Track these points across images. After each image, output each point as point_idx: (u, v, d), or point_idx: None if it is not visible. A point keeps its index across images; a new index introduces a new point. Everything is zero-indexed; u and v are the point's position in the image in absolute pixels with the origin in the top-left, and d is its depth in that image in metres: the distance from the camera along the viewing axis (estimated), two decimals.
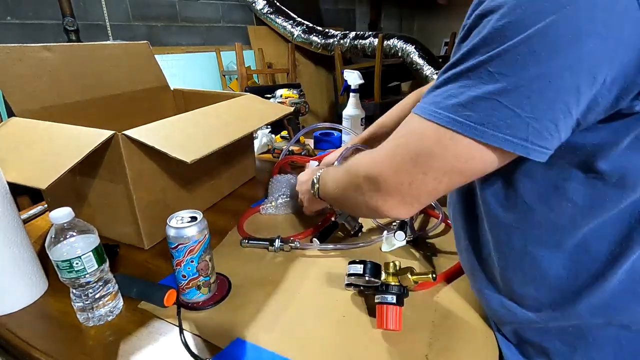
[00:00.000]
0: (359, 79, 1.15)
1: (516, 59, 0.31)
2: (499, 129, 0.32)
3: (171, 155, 0.57)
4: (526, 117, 0.31)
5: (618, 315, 0.39)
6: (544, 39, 0.29)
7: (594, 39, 0.28)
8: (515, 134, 0.32)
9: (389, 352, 0.46)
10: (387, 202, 0.41)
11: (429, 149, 0.36)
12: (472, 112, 0.33)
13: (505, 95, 0.31)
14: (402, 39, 2.82)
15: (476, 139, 0.33)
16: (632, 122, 0.32)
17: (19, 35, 2.06)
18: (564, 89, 0.30)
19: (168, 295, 0.52)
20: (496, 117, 0.32)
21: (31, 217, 0.80)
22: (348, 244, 0.67)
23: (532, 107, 0.31)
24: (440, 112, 0.35)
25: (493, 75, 0.32)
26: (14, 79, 0.68)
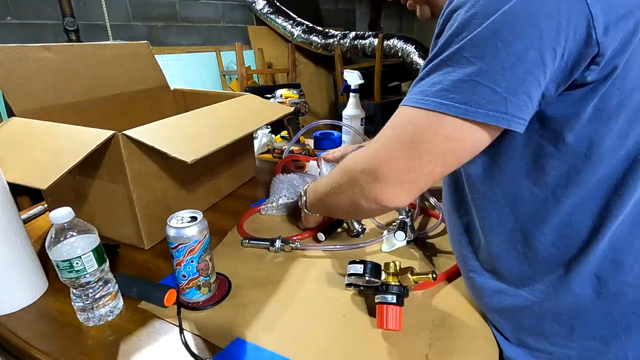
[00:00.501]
0: (359, 79, 1.15)
1: (486, 42, 0.35)
2: (482, 105, 0.36)
3: (171, 155, 0.57)
4: (503, 92, 0.35)
5: (605, 286, 0.41)
6: (506, 22, 0.34)
7: (548, 18, 0.33)
8: (497, 109, 0.36)
9: (389, 352, 0.46)
10: (385, 191, 0.43)
11: (421, 134, 0.39)
12: (456, 94, 0.36)
13: (482, 75, 0.35)
14: (402, 39, 2.82)
15: (462, 117, 0.37)
16: (588, 93, 0.36)
17: (19, 35, 2.06)
18: (532, 63, 0.34)
19: (168, 295, 0.52)
20: (477, 95, 0.36)
21: (31, 217, 0.80)
22: (348, 245, 0.67)
23: (507, 83, 0.35)
24: (428, 98, 0.38)
25: (469, 60, 0.36)
26: (14, 79, 0.68)
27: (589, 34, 0.33)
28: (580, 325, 0.43)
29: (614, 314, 0.41)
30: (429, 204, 0.81)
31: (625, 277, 0.41)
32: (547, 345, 0.45)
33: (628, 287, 0.41)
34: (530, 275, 0.45)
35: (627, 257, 0.40)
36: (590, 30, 0.33)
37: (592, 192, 0.40)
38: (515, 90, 0.35)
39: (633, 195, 0.39)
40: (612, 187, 0.39)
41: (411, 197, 0.43)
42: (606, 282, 0.41)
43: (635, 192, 0.39)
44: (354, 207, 0.49)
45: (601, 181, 0.39)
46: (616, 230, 0.40)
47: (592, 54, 0.34)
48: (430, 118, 0.38)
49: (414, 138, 0.40)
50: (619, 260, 0.40)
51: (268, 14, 3.18)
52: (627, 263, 0.40)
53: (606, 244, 0.40)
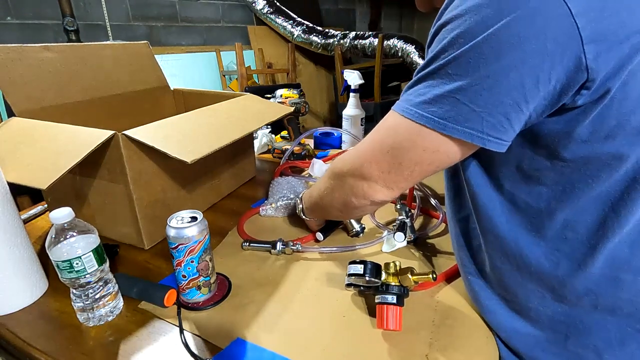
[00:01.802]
0: (359, 79, 1.15)
1: (469, 62, 0.35)
2: (459, 122, 0.37)
3: (171, 155, 0.57)
4: (480, 111, 0.36)
5: (603, 301, 0.41)
6: (490, 44, 0.34)
7: (533, 43, 0.33)
8: (473, 127, 0.37)
9: (389, 352, 0.46)
10: (371, 187, 0.46)
11: (401, 142, 0.41)
12: (436, 108, 0.38)
13: (462, 93, 0.36)
14: (402, 39, 2.82)
15: (439, 131, 0.38)
16: (580, 114, 0.36)
17: (19, 35, 2.06)
18: (510, 86, 0.35)
19: (168, 295, 0.52)
20: (455, 112, 0.37)
21: (31, 217, 0.80)
22: (349, 246, 0.67)
23: (484, 102, 0.36)
24: (411, 108, 0.40)
25: (451, 76, 0.37)
26: (14, 79, 0.68)
27: (579, 59, 0.33)
28: (574, 335, 0.42)
29: (608, 326, 0.41)
30: (429, 204, 0.81)
31: (622, 294, 0.40)
32: (539, 352, 0.44)
33: (624, 302, 0.40)
34: (523, 284, 0.44)
35: (626, 275, 0.40)
36: (580, 55, 0.33)
37: (587, 208, 0.40)
38: (492, 111, 0.36)
39: (633, 214, 0.38)
40: (609, 204, 0.39)
41: (396, 194, 0.46)
42: (603, 297, 0.41)
43: (636, 212, 0.38)
44: (346, 205, 0.52)
45: (597, 198, 0.39)
46: (614, 248, 0.39)
47: (582, 79, 0.34)
48: (411, 128, 0.40)
49: (395, 144, 0.42)
50: (617, 277, 0.40)
51: (268, 14, 3.18)
52: (625, 281, 0.40)
53: (604, 261, 0.40)
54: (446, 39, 0.37)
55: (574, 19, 0.32)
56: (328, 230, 0.70)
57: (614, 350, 0.41)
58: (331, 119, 3.75)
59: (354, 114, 1.15)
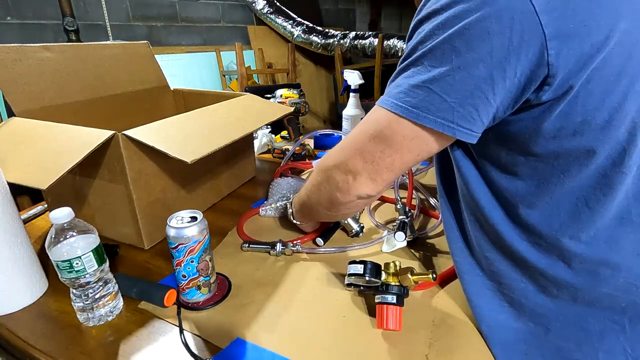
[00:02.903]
0: (359, 79, 1.15)
1: (442, 53, 0.37)
2: (431, 112, 0.38)
3: (171, 155, 0.57)
4: (451, 102, 0.38)
5: (582, 294, 0.42)
6: (461, 37, 0.36)
7: (501, 37, 0.35)
8: (444, 117, 0.38)
9: (389, 352, 0.46)
10: (356, 180, 0.46)
11: (381, 131, 0.42)
12: (410, 97, 0.39)
13: (435, 83, 0.38)
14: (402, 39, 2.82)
15: (413, 120, 0.39)
16: (545, 111, 0.38)
17: (19, 35, 2.06)
18: (480, 78, 0.36)
19: (168, 295, 0.52)
20: (428, 101, 0.38)
21: (31, 217, 0.80)
22: (349, 246, 0.67)
23: (455, 93, 0.37)
24: (389, 99, 0.41)
25: (426, 67, 0.38)
26: (14, 79, 0.68)
27: (542, 55, 0.34)
28: (555, 328, 0.43)
29: (588, 319, 0.42)
30: (428, 204, 0.81)
31: (601, 288, 0.41)
32: (522, 345, 0.45)
33: (603, 296, 0.41)
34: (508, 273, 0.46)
35: (604, 269, 0.40)
36: (543, 51, 0.34)
37: (560, 203, 0.41)
38: (462, 102, 0.37)
39: (606, 209, 0.39)
40: (582, 200, 0.40)
41: (380, 187, 0.46)
42: (582, 290, 0.41)
43: (609, 207, 0.39)
44: (332, 202, 0.52)
45: (570, 193, 0.40)
46: (592, 241, 0.40)
47: (543, 74, 0.35)
48: (389, 117, 0.41)
49: (376, 134, 0.43)
50: (596, 271, 0.41)
51: (268, 14, 3.18)
52: (603, 275, 0.40)
53: (581, 254, 0.41)
54: (424, 31, 0.39)
55: (538, 16, 0.34)
56: (327, 234, 0.69)
57: (593, 343, 0.42)
58: (331, 119, 3.75)
59: (354, 114, 1.15)
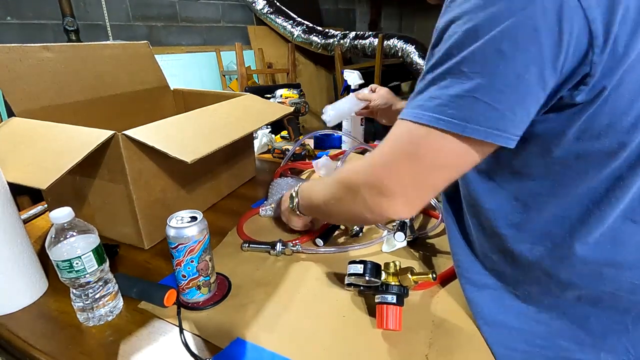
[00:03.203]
0: (359, 79, 1.15)
1: (486, 58, 0.34)
2: (480, 123, 0.35)
3: (171, 155, 0.57)
4: (502, 110, 0.35)
5: (586, 293, 0.42)
6: (507, 39, 0.33)
7: (550, 34, 0.32)
8: (495, 126, 0.35)
9: (389, 352, 0.46)
10: (391, 205, 0.42)
11: (422, 148, 0.39)
12: (454, 110, 0.36)
13: (481, 91, 0.34)
14: (402, 39, 2.82)
15: (460, 134, 0.36)
16: (576, 114, 0.36)
17: (19, 35, 2.06)
18: (533, 82, 0.34)
19: (168, 295, 0.52)
20: (475, 112, 0.35)
21: (31, 217, 0.80)
22: (349, 246, 0.67)
23: (507, 100, 0.34)
24: (426, 113, 0.37)
25: (467, 75, 0.35)
26: (14, 79, 0.68)
27: (587, 52, 0.33)
28: (557, 327, 0.43)
29: (591, 318, 0.42)
30: (429, 204, 0.81)
31: (604, 287, 0.41)
32: (524, 345, 0.45)
33: (607, 295, 0.41)
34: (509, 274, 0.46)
35: (608, 269, 0.40)
36: (587, 48, 0.33)
37: (573, 203, 0.40)
38: (515, 108, 0.35)
39: (614, 210, 0.39)
40: (594, 201, 0.39)
41: (416, 210, 0.43)
42: (586, 290, 0.42)
43: (617, 208, 0.39)
44: (356, 217, 0.49)
45: (583, 195, 0.40)
46: (598, 242, 0.40)
47: (583, 72, 0.34)
48: (430, 133, 0.38)
49: (416, 152, 0.39)
50: (599, 272, 0.41)
51: (268, 14, 3.18)
52: (607, 275, 0.41)
53: (587, 255, 0.40)
54: (457, 34, 0.35)
55: (585, 13, 0.32)
56: (327, 236, 0.69)
57: (595, 342, 0.42)
58: None
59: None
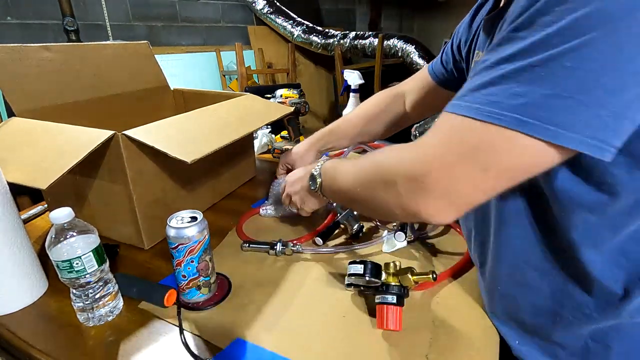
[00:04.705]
0: (359, 79, 1.15)
1: (602, 53, 0.27)
2: (576, 130, 0.29)
3: (171, 155, 0.57)
4: (606, 116, 0.28)
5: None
6: (632, 32, 0.27)
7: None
8: (594, 135, 0.29)
9: (389, 352, 0.46)
10: (430, 205, 0.36)
11: (494, 153, 0.33)
12: (545, 111, 0.30)
13: (586, 93, 0.28)
14: (402, 39, 2.82)
15: (548, 140, 0.30)
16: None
17: (19, 35, 2.06)
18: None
19: (168, 295, 0.52)
20: (573, 116, 0.29)
21: (31, 217, 0.80)
22: (349, 246, 0.67)
23: (614, 105, 0.28)
24: (505, 113, 0.31)
25: (570, 70, 0.28)
26: (14, 79, 0.68)
27: None
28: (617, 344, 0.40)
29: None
30: None
31: None
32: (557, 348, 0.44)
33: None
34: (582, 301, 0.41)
35: None
36: None
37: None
38: (621, 115, 0.29)
39: None
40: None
41: (455, 216, 0.37)
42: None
43: None
44: (384, 211, 0.43)
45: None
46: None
47: None
48: (507, 136, 0.31)
49: (481, 148, 0.33)
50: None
51: (268, 14, 3.18)
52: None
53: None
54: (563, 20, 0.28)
55: None
56: (327, 234, 0.69)
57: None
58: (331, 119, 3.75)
59: None
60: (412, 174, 0.37)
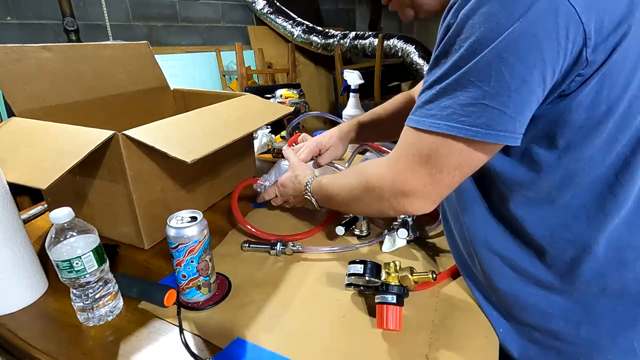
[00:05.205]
0: (359, 79, 1.15)
1: (490, 66, 0.36)
2: (491, 127, 0.38)
3: (171, 155, 0.57)
4: (511, 113, 0.37)
5: (611, 283, 0.43)
6: (508, 47, 0.35)
7: (549, 39, 0.35)
8: (506, 129, 0.38)
9: (389, 352, 0.46)
10: (414, 203, 0.45)
11: (440, 155, 0.41)
12: (466, 117, 0.38)
13: (490, 98, 0.37)
14: (402, 39, 2.82)
15: (473, 139, 0.39)
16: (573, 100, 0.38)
17: (19, 35, 2.06)
18: (535, 83, 0.36)
19: (168, 295, 0.52)
20: (486, 117, 0.37)
21: (31, 217, 0.80)
22: (349, 245, 0.67)
23: (514, 104, 0.37)
24: (440, 122, 0.40)
25: (474, 84, 0.37)
26: (14, 79, 0.68)
27: (582, 52, 0.35)
28: (586, 322, 0.44)
29: (619, 308, 0.43)
30: None
31: (628, 274, 0.43)
32: (555, 342, 0.46)
33: (631, 282, 0.43)
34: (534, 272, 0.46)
35: (628, 254, 0.42)
36: (583, 48, 0.35)
37: (587, 193, 0.42)
38: (522, 110, 0.37)
39: (628, 194, 0.41)
40: (606, 188, 0.41)
41: (436, 204, 0.46)
42: (611, 279, 0.43)
43: (629, 192, 0.41)
44: (379, 213, 0.52)
45: (595, 182, 0.42)
46: (614, 229, 0.42)
47: (580, 69, 0.36)
48: (445, 141, 0.40)
49: (434, 158, 0.42)
50: (621, 258, 0.42)
51: (268, 14, 3.18)
52: (628, 260, 0.42)
53: (606, 243, 0.42)
54: (462, 48, 0.38)
55: (579, 16, 0.34)
56: (349, 225, 0.69)
57: (627, 332, 0.43)
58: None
59: (354, 114, 1.15)
60: (393, 188, 0.46)
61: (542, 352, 0.47)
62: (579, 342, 0.45)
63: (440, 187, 0.44)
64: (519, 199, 0.45)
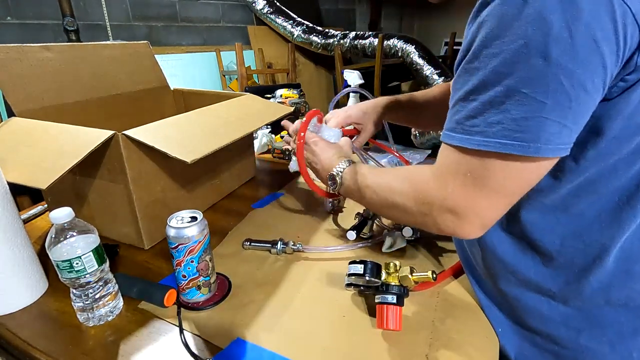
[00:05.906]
0: (359, 79, 1.15)
1: (546, 76, 0.33)
2: (550, 142, 0.35)
3: (171, 155, 0.57)
4: (570, 124, 0.34)
5: (616, 294, 0.42)
6: (567, 53, 0.32)
7: (606, 42, 0.32)
8: (564, 141, 0.35)
9: (389, 352, 0.46)
10: (465, 227, 0.42)
11: (496, 177, 0.38)
12: (522, 133, 0.35)
13: (549, 110, 0.33)
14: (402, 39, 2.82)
15: (532, 155, 0.35)
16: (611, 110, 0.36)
17: (19, 35, 2.06)
18: (595, 91, 0.33)
19: (168, 295, 0.52)
20: (545, 131, 0.34)
21: (31, 217, 0.80)
22: (349, 245, 0.67)
23: (574, 115, 0.34)
24: (491, 140, 0.36)
25: (529, 96, 0.34)
26: (14, 79, 0.68)
27: (633, 56, 0.33)
28: (587, 330, 0.44)
29: (621, 318, 0.42)
30: None
31: (634, 285, 0.42)
32: (554, 346, 0.46)
33: (635, 293, 0.42)
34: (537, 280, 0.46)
35: (637, 265, 0.41)
36: (636, 52, 0.33)
37: (603, 203, 0.40)
38: (580, 120, 0.35)
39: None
40: (624, 199, 0.39)
41: (485, 231, 0.43)
42: (616, 290, 0.42)
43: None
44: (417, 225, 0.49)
45: (614, 192, 0.40)
46: (627, 240, 0.41)
47: (625, 73, 0.34)
48: (498, 160, 0.37)
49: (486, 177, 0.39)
50: (630, 270, 0.41)
51: (268, 14, 3.18)
52: (636, 271, 0.41)
53: (617, 254, 0.41)
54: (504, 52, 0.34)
55: (635, 17, 0.32)
56: (360, 229, 0.68)
57: (626, 342, 0.43)
58: None
59: None
60: (445, 205, 0.42)
61: (539, 354, 0.47)
62: (578, 348, 0.45)
63: (497, 210, 0.41)
64: (533, 205, 0.43)
